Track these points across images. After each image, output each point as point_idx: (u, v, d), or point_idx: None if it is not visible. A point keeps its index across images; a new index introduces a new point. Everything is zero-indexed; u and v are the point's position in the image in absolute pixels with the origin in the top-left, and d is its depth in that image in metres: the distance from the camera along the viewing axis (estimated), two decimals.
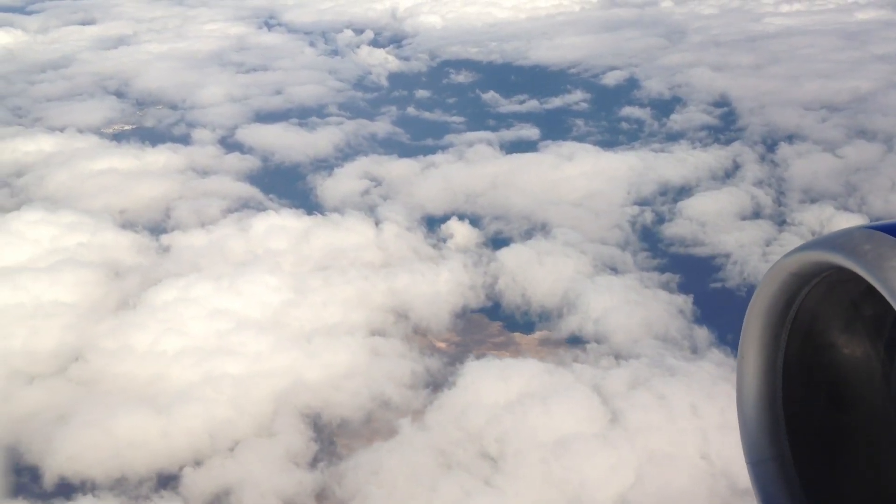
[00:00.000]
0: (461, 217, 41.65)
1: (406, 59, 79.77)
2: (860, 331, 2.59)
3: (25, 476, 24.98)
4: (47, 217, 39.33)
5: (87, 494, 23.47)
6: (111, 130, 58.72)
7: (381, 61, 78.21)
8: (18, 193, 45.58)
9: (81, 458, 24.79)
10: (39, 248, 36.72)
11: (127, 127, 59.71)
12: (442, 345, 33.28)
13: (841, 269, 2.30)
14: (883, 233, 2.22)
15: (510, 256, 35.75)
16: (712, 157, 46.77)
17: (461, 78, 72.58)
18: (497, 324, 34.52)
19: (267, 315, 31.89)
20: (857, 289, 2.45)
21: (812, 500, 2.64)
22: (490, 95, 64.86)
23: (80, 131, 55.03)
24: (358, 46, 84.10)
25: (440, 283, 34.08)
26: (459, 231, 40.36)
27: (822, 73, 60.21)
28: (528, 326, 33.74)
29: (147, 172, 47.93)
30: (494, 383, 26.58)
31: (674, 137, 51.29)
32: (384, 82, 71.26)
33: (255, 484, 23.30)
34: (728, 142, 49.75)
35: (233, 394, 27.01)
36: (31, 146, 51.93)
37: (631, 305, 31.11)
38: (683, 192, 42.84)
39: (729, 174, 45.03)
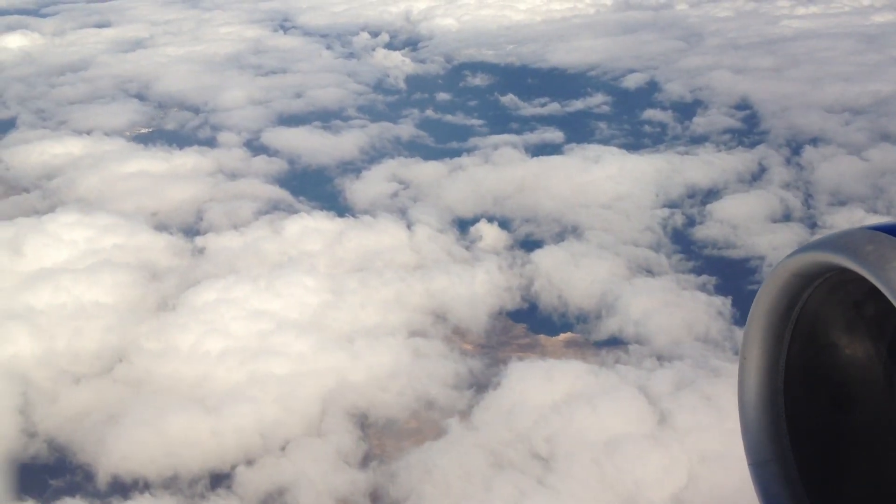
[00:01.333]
0: (490, 219, 41.91)
1: (422, 61, 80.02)
2: (862, 332, 2.58)
3: (79, 475, 25.27)
4: (82, 219, 39.63)
5: (143, 493, 23.70)
6: (135, 133, 59.10)
7: (398, 64, 78.50)
8: (50, 196, 45.91)
9: (134, 458, 25.05)
10: (76, 250, 37.01)
11: (144, 130, 60.03)
12: (468, 346, 33.52)
13: (843, 270, 2.29)
14: (886, 234, 2.21)
15: (544, 258, 35.99)
16: (738, 160, 46.98)
17: (478, 81, 72.83)
18: (521, 326, 34.75)
19: (306, 316, 32.14)
20: (859, 290, 2.44)
21: (814, 502, 2.62)
22: (509, 98, 65.12)
23: (107, 134, 55.37)
24: (374, 49, 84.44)
25: (476, 285, 34.33)
26: (489, 233, 40.63)
27: (843, 76, 60.36)
28: (552, 328, 33.98)
29: (176, 175, 48.26)
30: (539, 384, 26.80)
31: (698, 140, 51.51)
32: (402, 85, 71.55)
33: (308, 483, 23.54)
34: (752, 145, 49.95)
35: (279, 394, 27.27)
36: (60, 149, 52.28)
37: (670, 307, 31.32)
38: (711, 194, 43.06)
39: (755, 177, 45.24)
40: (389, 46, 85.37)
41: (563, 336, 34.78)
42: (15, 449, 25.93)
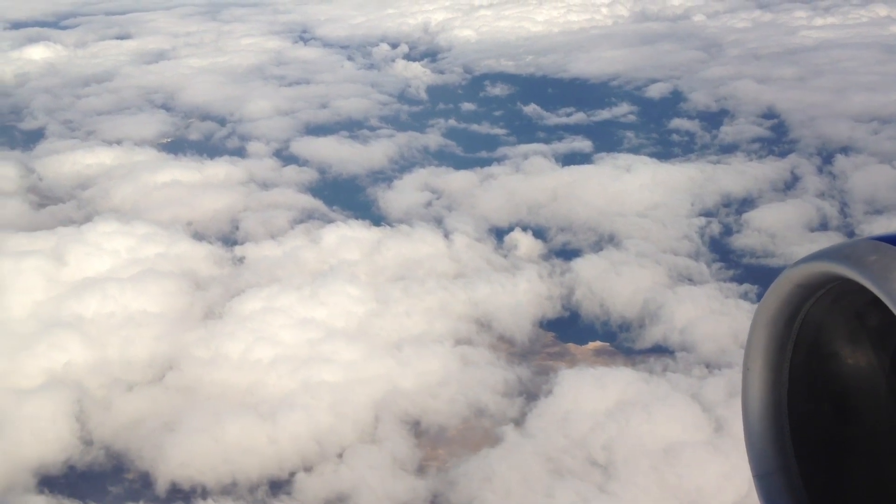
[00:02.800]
0: (524, 228, 42.11)
1: (441, 72, 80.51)
2: (865, 342, 2.56)
3: (137, 482, 25.45)
4: (121, 228, 39.95)
5: (204, 500, 23.86)
6: (163, 143, 59.55)
7: (418, 75, 78.97)
8: (85, 206, 46.29)
9: (192, 464, 25.23)
10: (118, 259, 37.31)
11: (167, 140, 60.43)
12: (510, 354, 33.60)
13: (846, 281, 2.29)
14: (888, 244, 2.21)
15: (585, 267, 36.14)
16: (770, 169, 47.13)
17: (497, 91, 73.22)
18: (550, 334, 34.84)
19: (352, 324, 32.34)
20: (862, 300, 2.42)
21: None
22: (531, 108, 65.45)
23: (138, 144, 55.82)
24: (393, 60, 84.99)
25: (519, 294, 34.49)
26: (524, 242, 40.82)
27: (868, 86, 60.48)
28: (580, 337, 34.10)
29: (209, 185, 48.62)
30: (591, 392, 26.92)
31: (727, 149, 51.70)
32: (423, 95, 71.99)
33: (368, 490, 23.67)
34: (783, 154, 50.10)
35: (332, 401, 27.43)
36: (91, 159, 52.75)
37: (715, 315, 31.42)
38: (746, 203, 43.20)
39: (788, 186, 45.37)
40: (409, 57, 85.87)
41: (592, 345, 34.92)
42: (73, 455, 26.14)
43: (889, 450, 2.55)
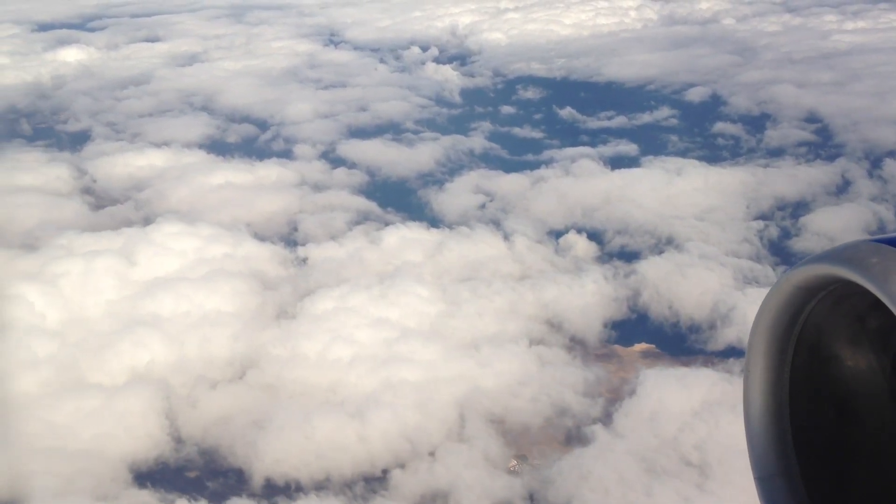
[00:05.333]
0: (578, 230, 42.43)
1: (472, 75, 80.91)
2: (866, 344, 2.55)
3: (232, 478, 25.85)
4: (186, 229, 40.43)
5: (301, 495, 24.23)
6: (208, 144, 60.02)
7: (449, 78, 79.39)
8: (142, 207, 46.79)
9: (285, 461, 25.61)
10: (186, 259, 37.78)
11: (211, 142, 60.87)
12: (576, 355, 33.89)
13: (847, 283, 2.27)
14: (890, 246, 2.20)
15: (650, 269, 36.43)
16: (820, 173, 47.38)
17: (530, 94, 73.53)
18: (613, 334, 34.94)
19: (425, 325, 32.71)
20: (863, 302, 2.41)
21: None
22: (567, 112, 65.76)
23: (187, 146, 56.37)
24: (423, 63, 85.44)
25: (587, 295, 34.81)
26: (579, 244, 41.14)
27: None
28: (625, 339, 34.39)
29: (262, 187, 49.10)
30: (675, 392, 27.21)
31: (775, 153, 51.94)
32: (457, 98, 72.39)
33: (466, 487, 24.01)
34: (830, 158, 50.32)
35: (417, 400, 27.80)
36: (142, 161, 53.30)
37: None
38: (801, 207, 43.45)
39: (840, 190, 45.61)
40: (438, 61, 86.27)
41: (638, 347, 35.22)
42: (165, 452, 26.56)
43: (891, 453, 2.52)
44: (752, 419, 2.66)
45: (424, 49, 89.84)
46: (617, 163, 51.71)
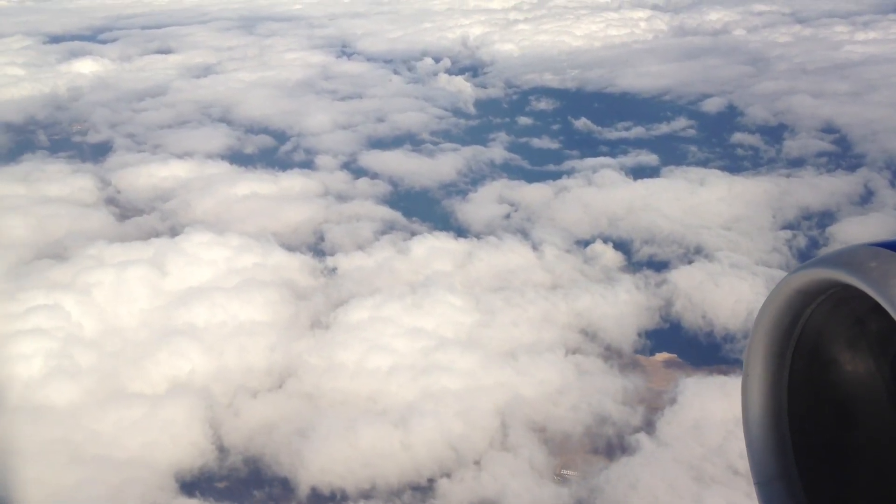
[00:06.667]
0: (605, 240, 42.60)
1: (485, 86, 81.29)
2: (865, 348, 2.55)
3: (277, 487, 25.90)
4: (216, 239, 40.58)
5: (355, 503, 24.29)
6: (229, 155, 60.27)
7: (462, 89, 79.76)
8: (168, 217, 46.96)
9: (331, 470, 25.68)
10: (218, 269, 37.91)
11: (230, 152, 61.09)
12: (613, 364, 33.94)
13: (846, 287, 2.28)
14: (889, 250, 2.21)
15: (681, 278, 36.57)
16: (843, 183, 47.59)
17: (544, 105, 73.84)
18: (647, 343, 35.02)
19: (461, 334, 32.82)
20: (862, 306, 2.42)
21: None
22: (582, 122, 66.05)
23: (209, 157, 56.64)
24: (436, 74, 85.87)
25: (620, 304, 34.93)
26: (606, 254, 41.30)
27: None
28: (659, 348, 34.49)
29: (287, 197, 49.29)
30: (718, 400, 27.28)
31: (795, 163, 52.18)
32: (472, 109, 72.73)
33: (513, 496, 24.06)
34: (851, 168, 50.57)
35: (459, 409, 27.87)
36: (166, 172, 53.51)
37: None
38: (826, 217, 43.65)
39: (864, 200, 45.80)
40: (450, 72, 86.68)
41: (659, 356, 35.31)
42: (210, 461, 26.63)
43: (890, 456, 2.52)
44: (752, 423, 2.68)
45: (437, 60, 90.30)
46: (638, 173, 51.94)
